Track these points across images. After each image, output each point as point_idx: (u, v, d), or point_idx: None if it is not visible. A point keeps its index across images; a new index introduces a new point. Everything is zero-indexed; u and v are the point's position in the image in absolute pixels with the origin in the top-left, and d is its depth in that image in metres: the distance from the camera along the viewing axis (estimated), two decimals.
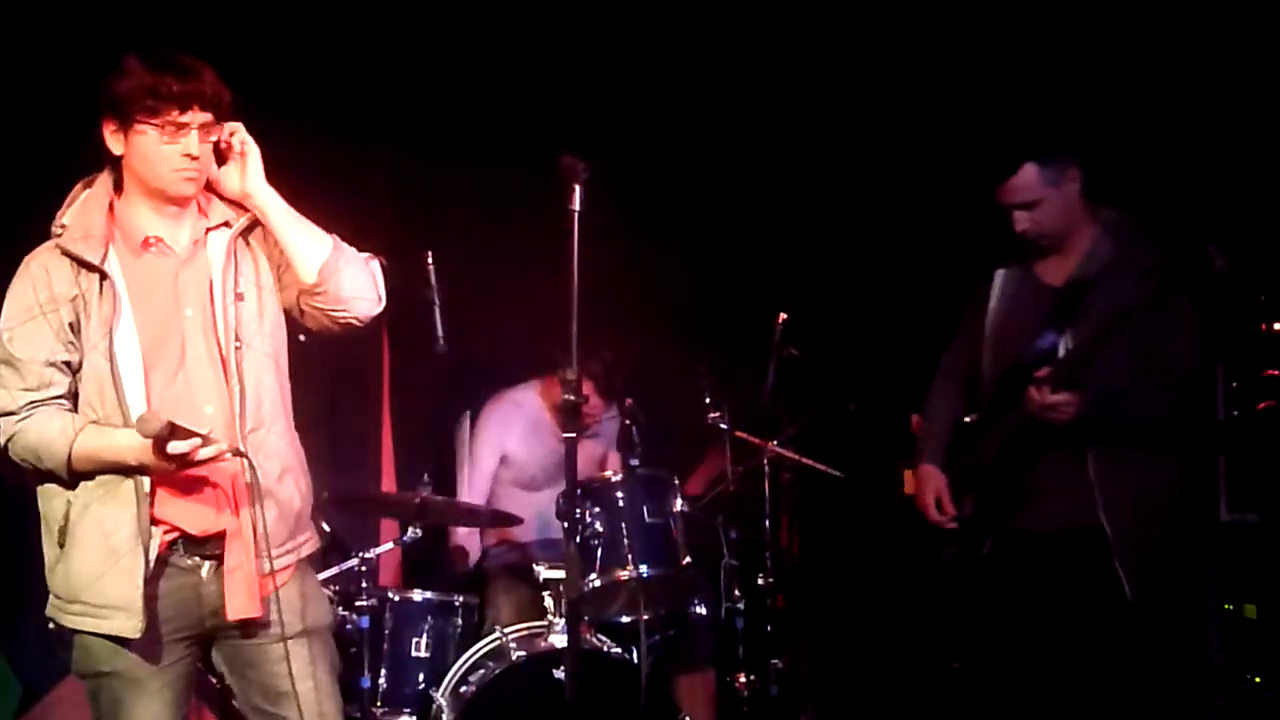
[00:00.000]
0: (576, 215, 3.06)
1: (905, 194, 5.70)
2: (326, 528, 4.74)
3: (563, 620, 4.29)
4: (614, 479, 4.46)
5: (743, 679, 4.78)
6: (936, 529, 4.00)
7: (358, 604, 4.47)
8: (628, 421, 4.49)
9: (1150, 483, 3.69)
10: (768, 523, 4.81)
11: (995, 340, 3.91)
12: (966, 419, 4.01)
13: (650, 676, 4.29)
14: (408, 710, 4.40)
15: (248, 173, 3.02)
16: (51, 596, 2.98)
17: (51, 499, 2.96)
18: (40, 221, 2.99)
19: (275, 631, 3.01)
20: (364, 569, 4.48)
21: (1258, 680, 4.17)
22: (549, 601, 4.44)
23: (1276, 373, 4.24)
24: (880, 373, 5.31)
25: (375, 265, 3.16)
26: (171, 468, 2.81)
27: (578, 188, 3.05)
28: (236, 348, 2.97)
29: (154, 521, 2.89)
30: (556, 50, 5.51)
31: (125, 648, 2.92)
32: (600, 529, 4.36)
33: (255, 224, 3.09)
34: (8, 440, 2.92)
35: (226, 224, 3.06)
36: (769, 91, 5.74)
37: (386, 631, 4.44)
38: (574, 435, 3.08)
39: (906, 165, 5.66)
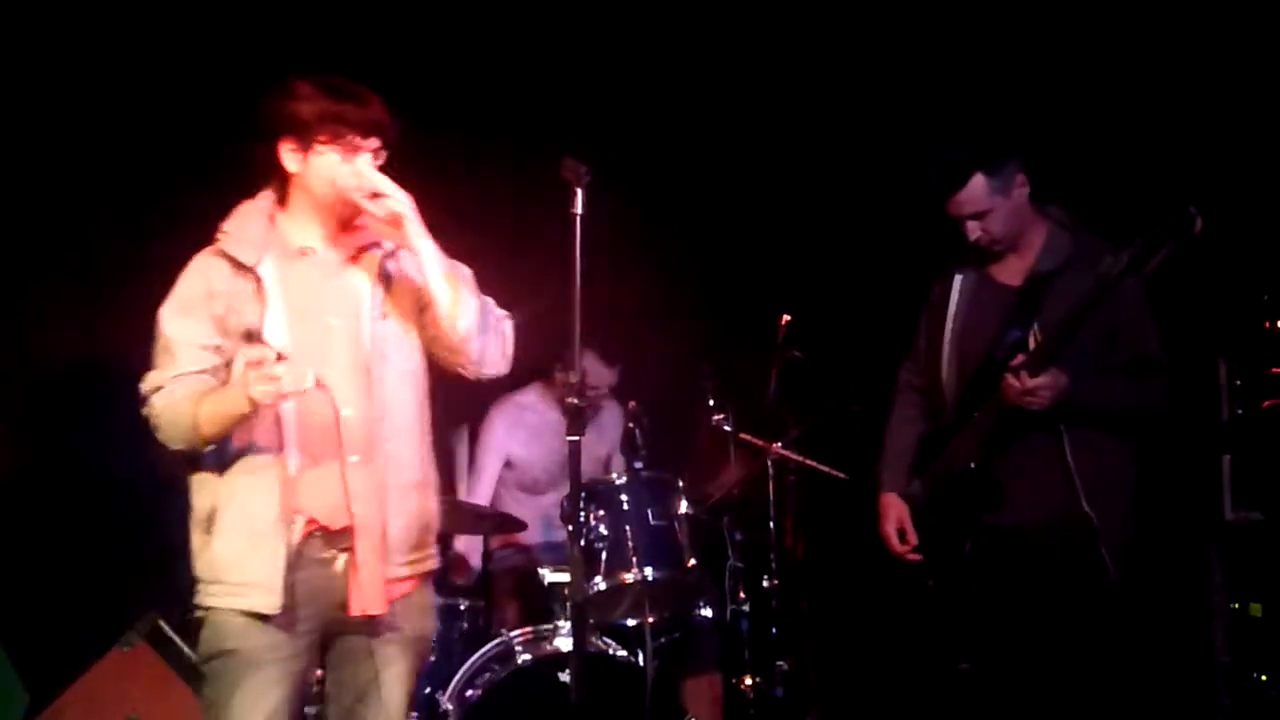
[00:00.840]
0: (579, 219, 3.06)
1: (909, 196, 5.69)
2: None
3: (568, 623, 4.30)
4: (618, 481, 4.46)
5: (748, 681, 4.78)
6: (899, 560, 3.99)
7: None
8: (631, 424, 4.49)
9: (1118, 468, 3.74)
10: (772, 525, 4.81)
11: (958, 345, 3.89)
12: (931, 429, 4.00)
13: (656, 679, 4.29)
14: (414, 713, 4.39)
15: (409, 233, 3.10)
16: (197, 583, 3.08)
17: (201, 490, 3.07)
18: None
19: (387, 634, 3.12)
20: None
21: (1264, 679, 4.17)
22: (554, 604, 4.44)
23: None
24: (884, 374, 5.30)
25: (508, 326, 3.28)
26: (263, 390, 2.88)
27: (579, 191, 3.05)
28: (378, 361, 3.11)
29: (295, 510, 3.02)
30: (558, 51, 5.52)
31: (252, 631, 3.00)
32: (605, 532, 4.36)
33: (397, 250, 3.21)
34: (154, 419, 3.05)
35: (377, 244, 3.19)
36: (772, 94, 5.75)
37: None
38: (578, 438, 3.08)
39: (910, 167, 5.65)
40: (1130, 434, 3.75)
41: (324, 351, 3.07)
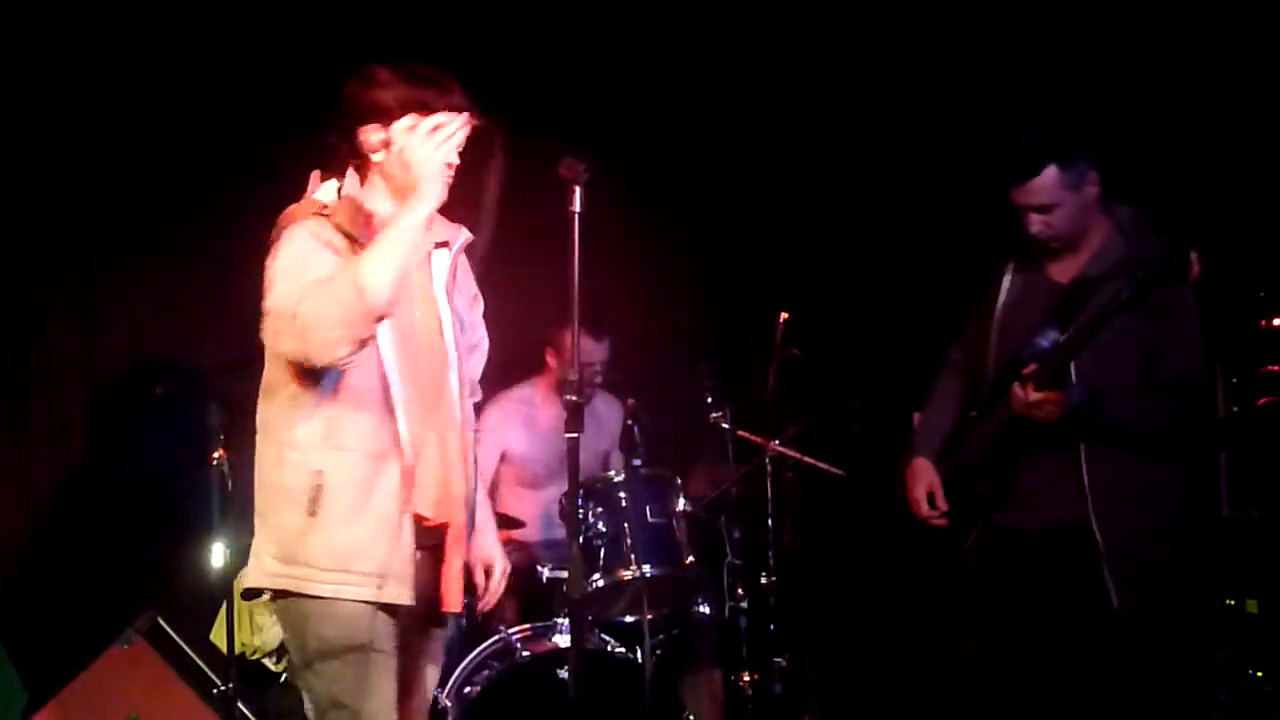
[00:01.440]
0: (577, 217, 3.06)
1: (908, 193, 5.70)
2: None
3: (567, 620, 4.31)
4: (616, 479, 4.47)
5: (746, 677, 4.79)
6: (923, 525, 3.93)
7: None
8: (630, 421, 4.50)
9: (1144, 489, 3.61)
10: (770, 522, 4.81)
11: (1000, 335, 3.84)
12: (971, 414, 3.94)
13: (654, 676, 4.30)
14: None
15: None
16: (290, 567, 2.96)
17: (296, 470, 2.96)
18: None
19: (435, 632, 3.17)
20: None
21: (1259, 675, 4.17)
22: (553, 602, 4.45)
23: (1276, 368, 4.25)
24: (882, 372, 5.32)
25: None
26: (434, 155, 2.90)
27: (578, 189, 3.04)
28: (455, 360, 3.13)
29: (409, 501, 3.00)
30: (558, 45, 5.52)
31: (377, 623, 2.97)
32: (603, 529, 4.37)
33: (469, 247, 3.23)
34: (300, 321, 2.84)
35: (446, 244, 3.17)
36: (771, 91, 5.76)
37: None
38: (577, 435, 3.09)
39: (909, 164, 5.67)
40: (1165, 455, 3.64)
41: (417, 346, 3.06)
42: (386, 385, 2.98)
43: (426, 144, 2.96)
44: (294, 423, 2.98)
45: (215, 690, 4.50)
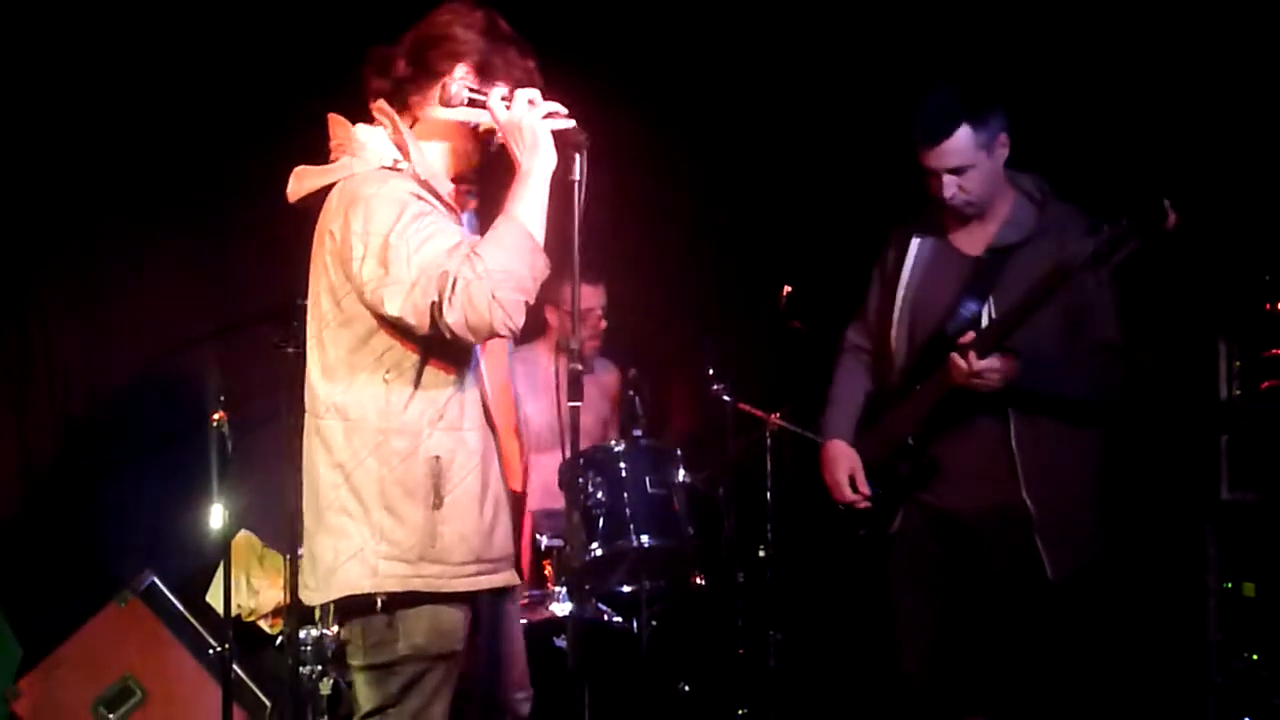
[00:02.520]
0: (578, 185, 3.03)
1: (912, 168, 5.68)
2: None
3: (564, 589, 4.31)
4: (617, 449, 4.46)
5: (741, 650, 4.79)
6: (848, 509, 3.88)
7: None
8: (631, 392, 4.49)
9: (1072, 457, 3.59)
10: (769, 495, 4.81)
11: (911, 311, 3.76)
12: (875, 391, 3.90)
13: (650, 646, 4.30)
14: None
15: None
16: (416, 566, 2.79)
17: (408, 460, 2.79)
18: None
19: (510, 596, 3.07)
20: None
21: (1255, 658, 4.18)
22: (550, 570, 4.45)
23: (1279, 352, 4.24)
24: None
25: None
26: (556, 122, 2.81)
27: (578, 157, 3.02)
28: None
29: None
30: (561, 14, 5.49)
31: (464, 623, 2.86)
32: (602, 499, 4.36)
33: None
34: (469, 288, 2.66)
35: (473, 205, 3.09)
36: (775, 62, 5.73)
37: None
38: (578, 404, 3.08)
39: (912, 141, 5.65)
40: (1090, 422, 3.61)
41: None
42: (477, 359, 2.90)
43: (535, 112, 2.84)
44: (395, 406, 2.79)
45: (211, 651, 4.52)
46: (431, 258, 2.70)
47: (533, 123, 2.83)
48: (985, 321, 3.57)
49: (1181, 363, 4.51)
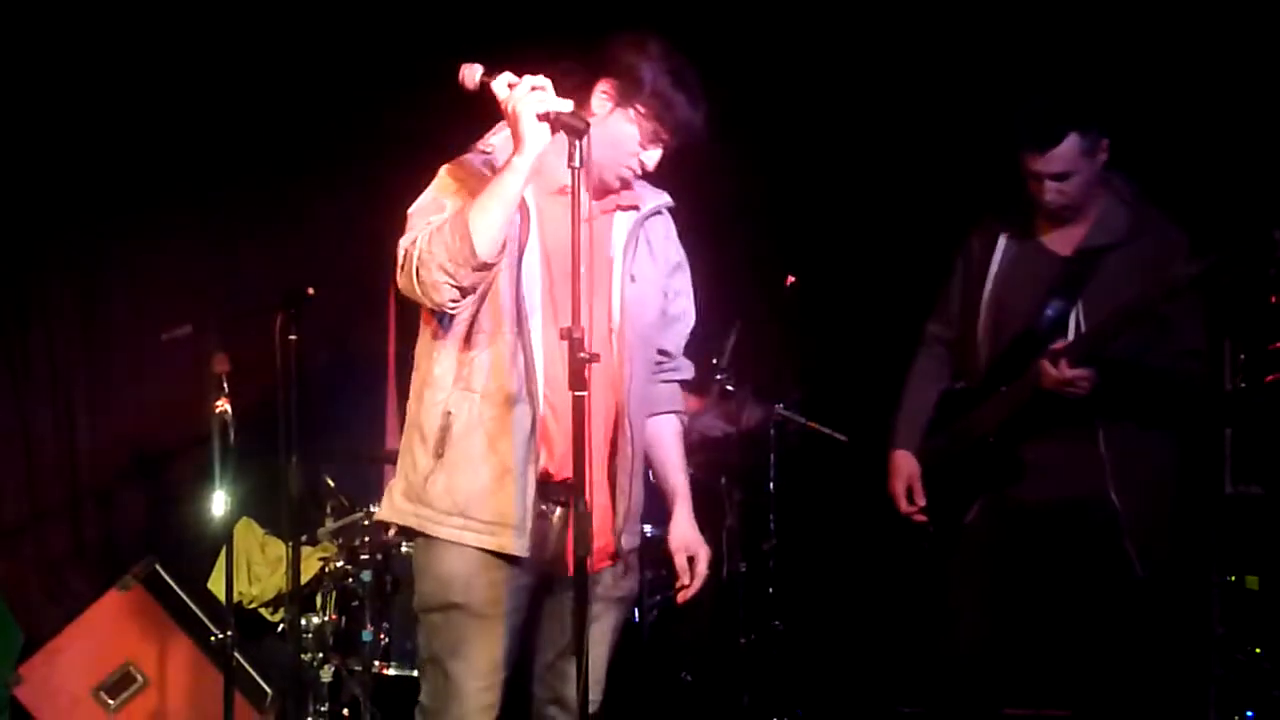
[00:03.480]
0: (578, 172, 3.02)
1: (919, 157, 5.67)
2: (331, 482, 4.79)
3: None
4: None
5: (743, 640, 4.79)
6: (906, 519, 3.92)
7: (361, 557, 4.49)
8: None
9: (1158, 458, 3.64)
10: (772, 486, 4.80)
11: (996, 308, 3.77)
12: (958, 385, 3.90)
13: (651, 635, 4.30)
14: (410, 664, 4.41)
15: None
16: (415, 506, 2.95)
17: (430, 409, 2.94)
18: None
19: (596, 593, 3.00)
20: (367, 523, 4.50)
21: (1258, 651, 4.18)
22: None
23: None
24: (887, 338, 5.29)
25: None
26: (535, 100, 2.76)
27: (579, 143, 3.01)
28: (626, 324, 3.02)
29: (537, 452, 2.92)
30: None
31: (472, 582, 2.91)
32: None
33: (656, 214, 3.16)
34: (414, 259, 2.81)
35: (635, 207, 3.11)
36: (782, 55, 5.71)
37: (389, 585, 4.45)
38: (585, 394, 3.06)
39: (922, 128, 5.64)
40: (1171, 424, 3.67)
41: (568, 299, 2.93)
42: (525, 332, 2.91)
43: (520, 94, 2.81)
44: (434, 361, 2.96)
45: (212, 638, 4.52)
46: (408, 233, 2.88)
47: (515, 107, 2.81)
48: (1073, 323, 3.60)
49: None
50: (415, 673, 4.36)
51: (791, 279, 4.78)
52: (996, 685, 3.82)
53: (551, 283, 2.98)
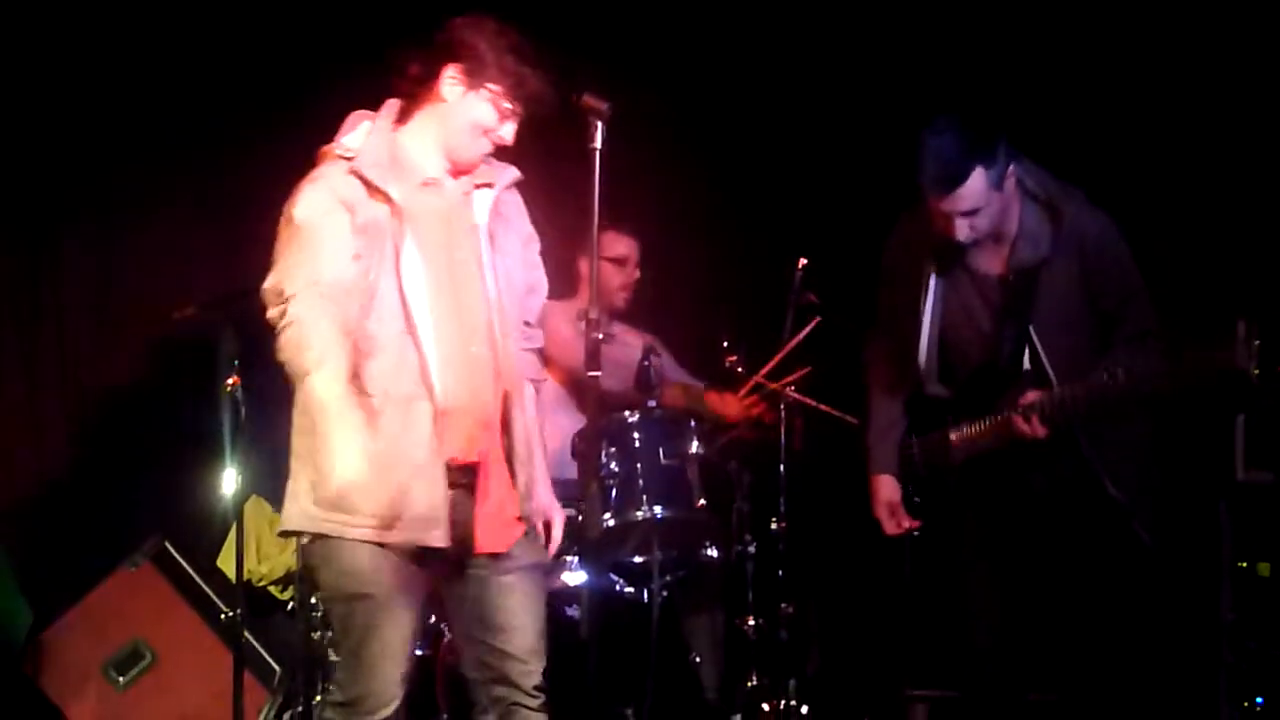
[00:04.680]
0: (598, 154, 3.05)
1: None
2: None
3: (575, 558, 4.31)
4: (630, 419, 4.44)
5: (751, 622, 4.78)
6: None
7: None
8: (646, 362, 4.46)
9: (1139, 441, 3.67)
10: (782, 468, 4.79)
11: (943, 342, 3.76)
12: (933, 392, 3.86)
13: (660, 616, 4.30)
14: (420, 646, 4.40)
15: None
16: (326, 512, 2.99)
17: (330, 413, 2.99)
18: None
19: (504, 564, 3.10)
20: None
21: (1269, 638, 4.18)
22: (563, 539, 4.44)
23: None
24: None
25: None
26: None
27: (600, 125, 3.04)
28: (502, 301, 3.10)
29: (441, 444, 2.99)
30: None
31: (375, 570, 2.97)
32: (616, 468, 4.35)
33: (513, 186, 3.22)
34: (284, 328, 2.97)
35: (489, 184, 3.17)
36: (793, 36, 5.70)
37: None
38: (597, 374, 3.07)
39: (932, 110, 5.62)
40: (1147, 403, 3.64)
41: (455, 287, 3.06)
42: (414, 329, 2.97)
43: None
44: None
45: (222, 616, 4.52)
46: (286, 280, 3.01)
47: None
48: (1029, 347, 3.57)
49: (1198, 341, 4.49)
50: (422, 652, 4.37)
51: (803, 261, 4.77)
52: (1019, 672, 3.80)
53: (440, 272, 3.04)
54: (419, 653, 3.48)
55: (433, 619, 4.08)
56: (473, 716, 3.23)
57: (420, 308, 2.98)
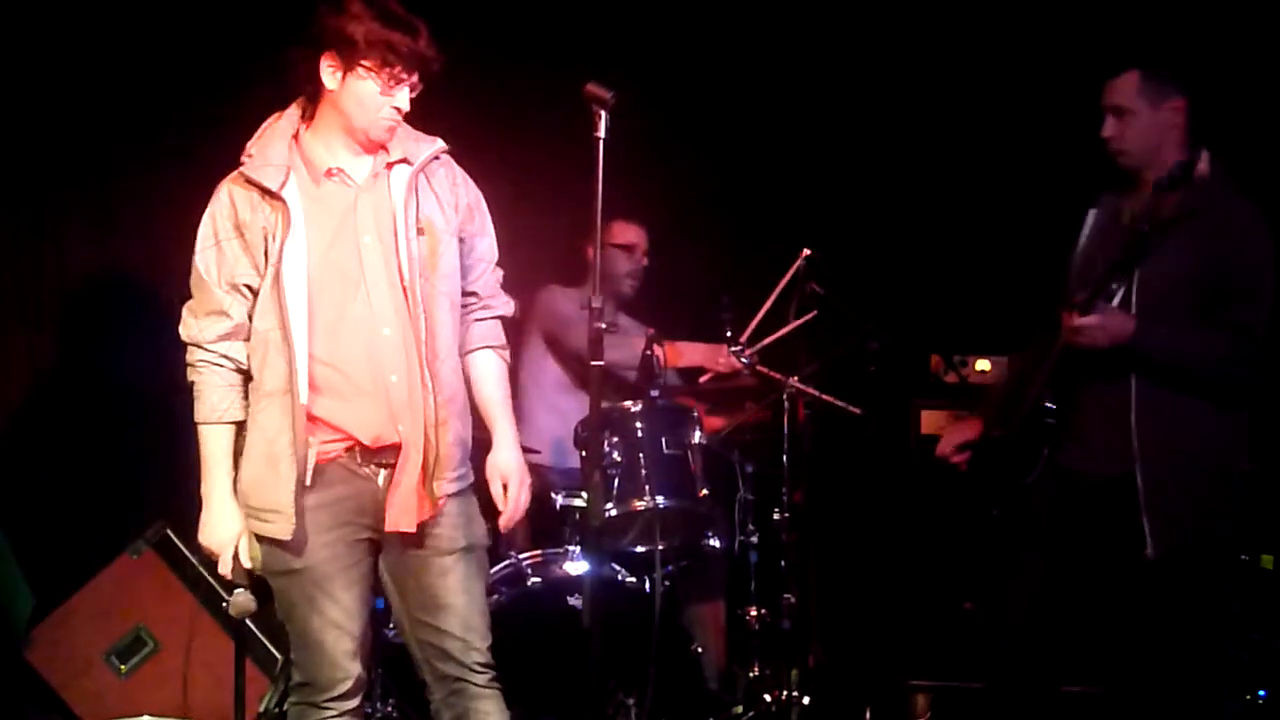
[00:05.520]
0: (602, 143, 3.05)
1: (933, 131, 5.65)
2: None
3: (578, 547, 4.31)
4: (634, 409, 4.44)
5: (754, 612, 4.79)
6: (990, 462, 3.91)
7: None
8: (649, 352, 4.46)
9: (1192, 436, 3.53)
10: (785, 458, 4.79)
11: (1077, 280, 3.73)
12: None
13: (663, 606, 4.30)
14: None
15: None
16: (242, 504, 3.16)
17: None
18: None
19: (438, 545, 3.15)
20: None
21: (1272, 630, 4.18)
22: (565, 528, 4.44)
23: None
24: (901, 312, 5.29)
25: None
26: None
27: (604, 115, 3.04)
28: (418, 279, 3.09)
29: (316, 432, 3.06)
30: None
31: (305, 548, 3.07)
32: (618, 458, 4.35)
33: (434, 160, 3.20)
34: (191, 376, 3.15)
35: (406, 160, 3.16)
36: (796, 26, 5.69)
37: None
38: (601, 363, 3.06)
39: (935, 102, 5.61)
40: (1219, 402, 3.52)
41: (360, 271, 3.07)
42: (285, 325, 3.02)
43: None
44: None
45: (224, 604, 4.50)
46: (193, 301, 3.17)
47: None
48: (1120, 296, 3.55)
49: None
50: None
51: (806, 251, 4.77)
52: (1054, 660, 3.78)
53: (323, 266, 3.06)
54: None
55: None
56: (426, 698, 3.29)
57: (297, 303, 3.01)
